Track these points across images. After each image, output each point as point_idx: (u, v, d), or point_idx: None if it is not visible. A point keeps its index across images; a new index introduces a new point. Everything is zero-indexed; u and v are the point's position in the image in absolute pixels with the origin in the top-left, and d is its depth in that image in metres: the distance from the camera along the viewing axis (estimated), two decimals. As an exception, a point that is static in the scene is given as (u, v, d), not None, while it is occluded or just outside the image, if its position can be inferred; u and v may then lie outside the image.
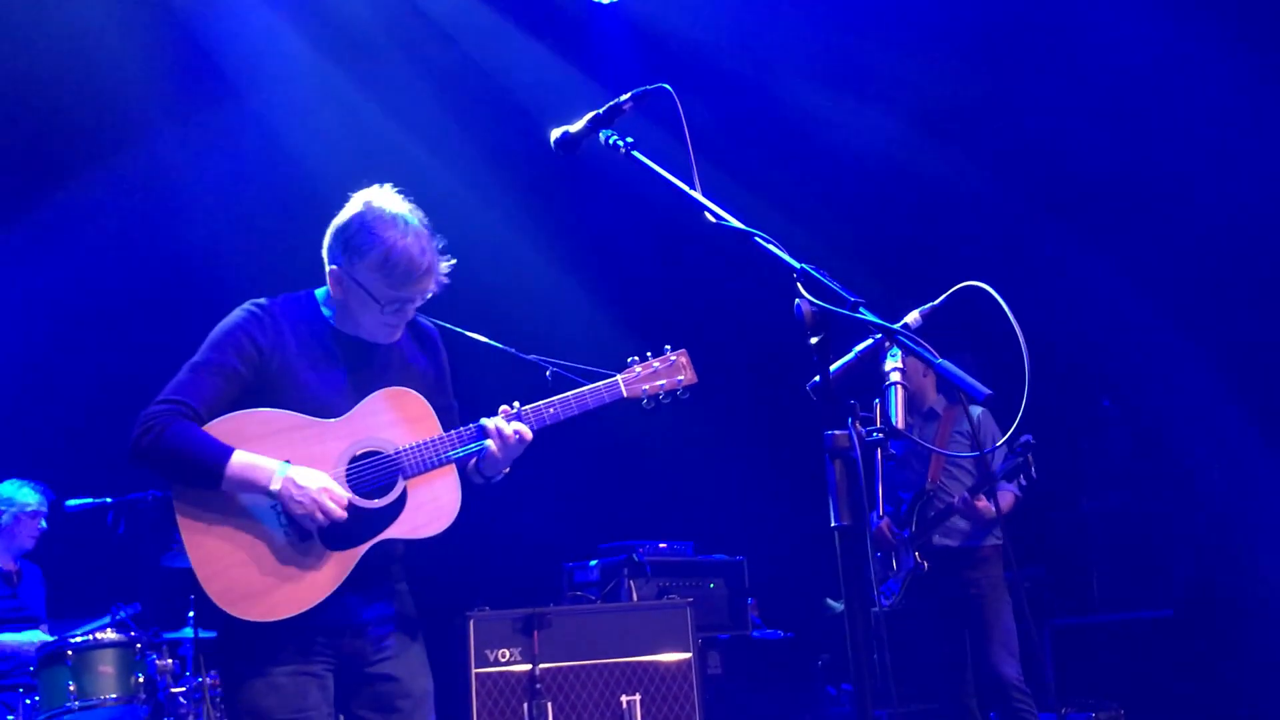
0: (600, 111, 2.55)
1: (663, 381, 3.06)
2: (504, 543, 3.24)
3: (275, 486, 2.67)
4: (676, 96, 2.46)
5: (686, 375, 3.10)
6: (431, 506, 2.83)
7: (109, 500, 5.46)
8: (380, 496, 2.79)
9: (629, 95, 2.56)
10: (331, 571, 2.73)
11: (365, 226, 2.78)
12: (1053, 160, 7.05)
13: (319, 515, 2.68)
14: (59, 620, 5.26)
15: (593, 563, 6.08)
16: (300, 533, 2.72)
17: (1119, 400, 7.60)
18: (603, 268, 7.60)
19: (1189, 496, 7.16)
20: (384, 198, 2.85)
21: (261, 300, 2.91)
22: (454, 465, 2.88)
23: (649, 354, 3.08)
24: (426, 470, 2.83)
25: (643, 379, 3.05)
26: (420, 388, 2.93)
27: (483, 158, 6.86)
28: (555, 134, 2.61)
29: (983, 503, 5.08)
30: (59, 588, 5.60)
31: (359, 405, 2.83)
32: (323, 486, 2.70)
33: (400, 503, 2.81)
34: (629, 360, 3.07)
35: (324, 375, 2.84)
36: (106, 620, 4.99)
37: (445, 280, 2.87)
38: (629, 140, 2.49)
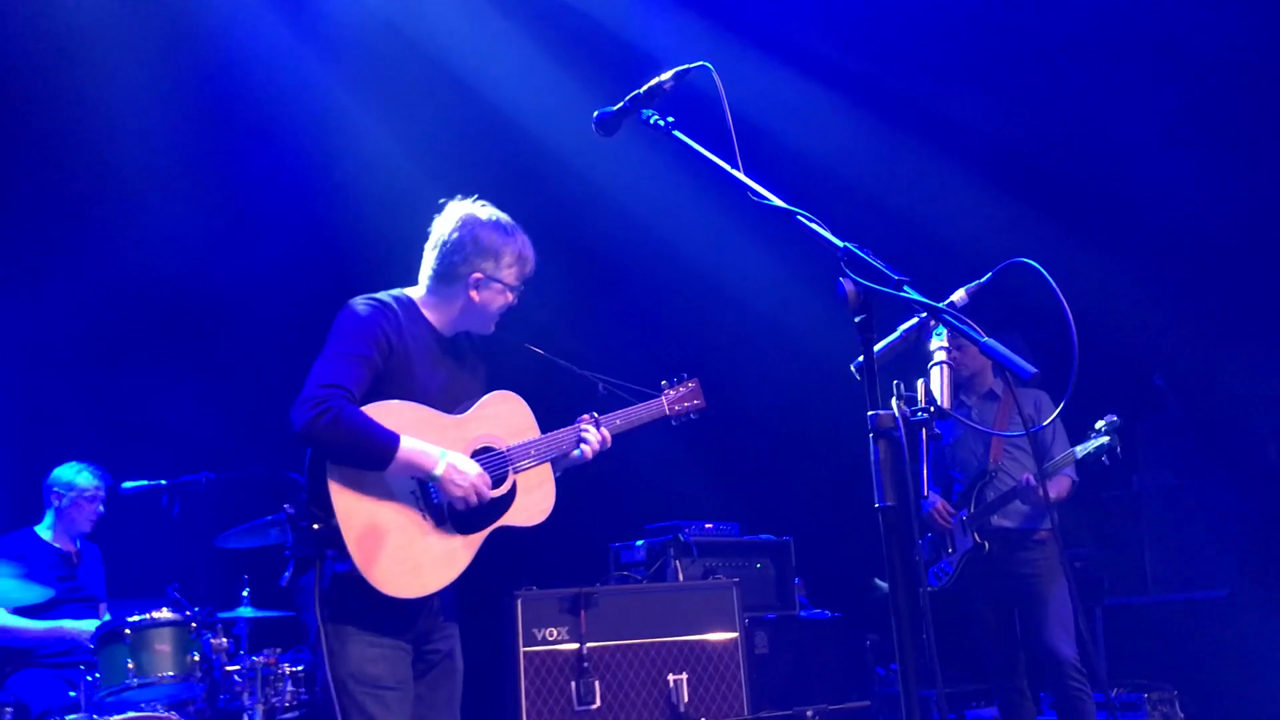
0: (641, 90, 2.54)
1: (689, 404, 3.56)
2: (550, 523, 3.30)
3: (439, 471, 2.92)
4: (716, 74, 2.45)
5: (701, 400, 3.58)
6: (536, 498, 3.16)
7: (163, 482, 5.55)
8: (497, 487, 3.06)
9: (670, 73, 2.55)
10: (463, 553, 3.01)
11: (492, 230, 3.16)
12: (1093, 127, 6.95)
13: (474, 498, 2.95)
14: (117, 600, 5.36)
15: (639, 543, 6.10)
16: (436, 517, 2.97)
17: (1171, 377, 7.48)
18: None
19: (1243, 474, 7.05)
20: (480, 207, 3.22)
21: (380, 296, 3.14)
22: (550, 463, 3.22)
23: (675, 379, 3.57)
24: (532, 466, 3.16)
25: (677, 400, 3.54)
26: (486, 388, 3.25)
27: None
28: (596, 114, 2.61)
29: (1054, 487, 5.07)
30: (116, 568, 5.70)
31: (477, 405, 3.14)
32: (479, 473, 2.98)
33: (511, 494, 3.11)
34: (661, 383, 3.55)
35: (431, 373, 3.11)
36: (162, 600, 5.08)
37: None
38: (670, 119, 2.48)
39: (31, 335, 6.56)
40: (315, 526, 2.88)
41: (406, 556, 2.90)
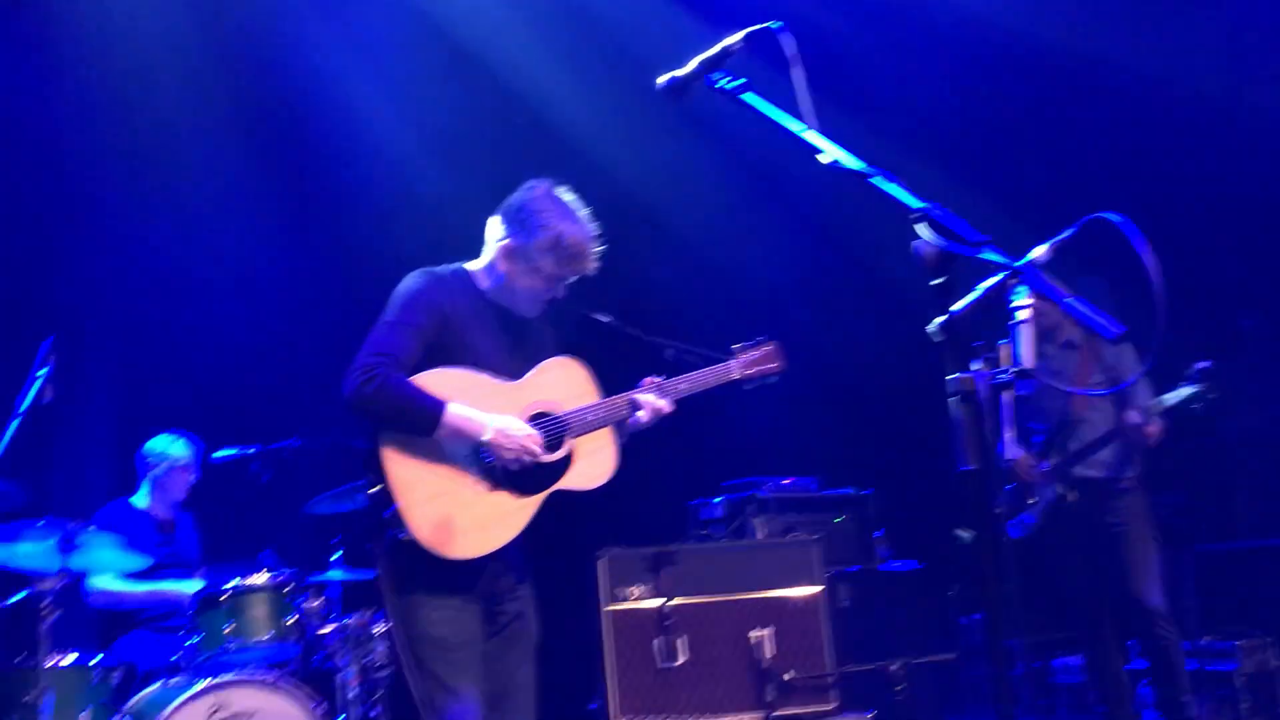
0: (710, 54, 2.51)
1: (763, 367, 3.47)
2: (629, 483, 3.34)
3: (488, 436, 2.95)
4: (790, 34, 2.41)
5: (778, 363, 3.49)
6: (594, 461, 3.17)
7: (253, 450, 5.69)
8: (553, 452, 3.08)
9: (740, 35, 2.51)
10: (519, 515, 3.05)
11: (542, 210, 3.13)
12: (1172, 62, 6.73)
13: (526, 458, 2.99)
14: (212, 566, 5.52)
15: (717, 500, 6.12)
16: (491, 481, 3.01)
17: (1259, 317, 7.28)
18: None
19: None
20: (557, 187, 3.19)
21: (436, 268, 3.19)
22: (611, 428, 3.21)
23: (748, 342, 3.48)
24: (590, 431, 3.16)
25: (750, 363, 3.45)
26: (554, 356, 3.26)
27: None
28: (662, 79, 2.57)
29: (1153, 427, 4.98)
30: (210, 535, 5.87)
31: (533, 370, 3.15)
32: (528, 434, 3.00)
33: (568, 459, 3.13)
34: (733, 346, 3.46)
35: (489, 341, 3.14)
36: (256, 565, 5.23)
37: (597, 265, 3.20)
38: (742, 81, 2.44)
39: (127, 311, 6.77)
40: (371, 490, 2.96)
41: (461, 518, 2.95)
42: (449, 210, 6.78)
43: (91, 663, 4.66)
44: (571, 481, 3.13)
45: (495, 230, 3.20)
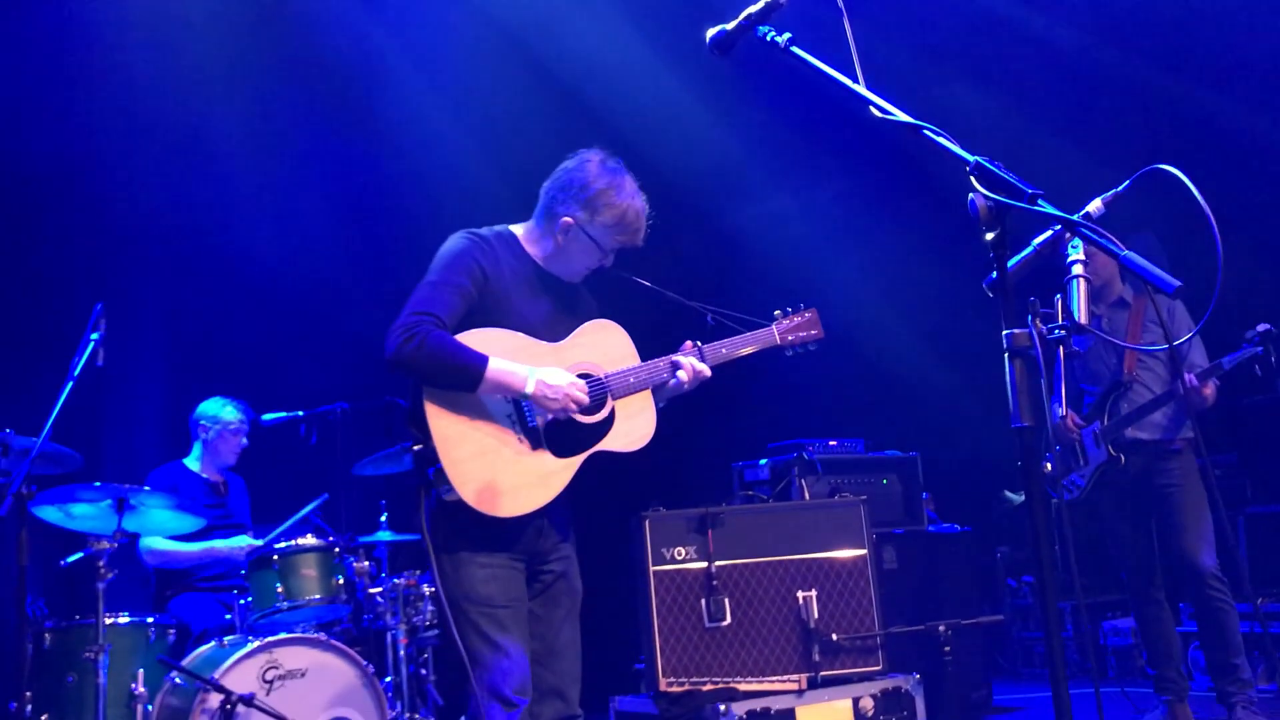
0: (756, 8, 2.48)
1: (804, 334, 3.47)
2: (674, 444, 3.35)
3: (530, 389, 2.96)
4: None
5: (818, 330, 3.50)
6: (636, 424, 3.17)
7: (301, 414, 5.76)
8: (595, 413, 3.09)
9: (785, -14, 2.47)
10: (560, 476, 3.05)
11: (607, 188, 3.13)
12: (1231, 27, 6.57)
13: (572, 405, 2.99)
14: (262, 527, 5.60)
15: (762, 461, 6.11)
16: (533, 440, 3.03)
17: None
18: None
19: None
20: (608, 158, 3.19)
21: (480, 230, 3.20)
22: (650, 390, 3.22)
23: (789, 308, 3.48)
24: (631, 394, 3.17)
25: (790, 329, 3.46)
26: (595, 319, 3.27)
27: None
28: (710, 33, 2.55)
29: (1209, 389, 4.91)
30: (259, 496, 5.95)
31: (574, 333, 3.17)
32: (571, 381, 3.01)
33: (610, 420, 3.14)
34: (774, 313, 3.47)
35: (531, 304, 3.15)
36: (304, 513, 5.31)
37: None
38: (788, 36, 2.41)
39: (178, 276, 6.86)
40: (415, 448, 2.97)
41: (502, 477, 2.96)
42: (492, 174, 6.82)
43: (148, 620, 4.76)
44: (613, 443, 3.12)
45: (553, 202, 3.18)
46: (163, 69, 6.41)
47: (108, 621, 4.39)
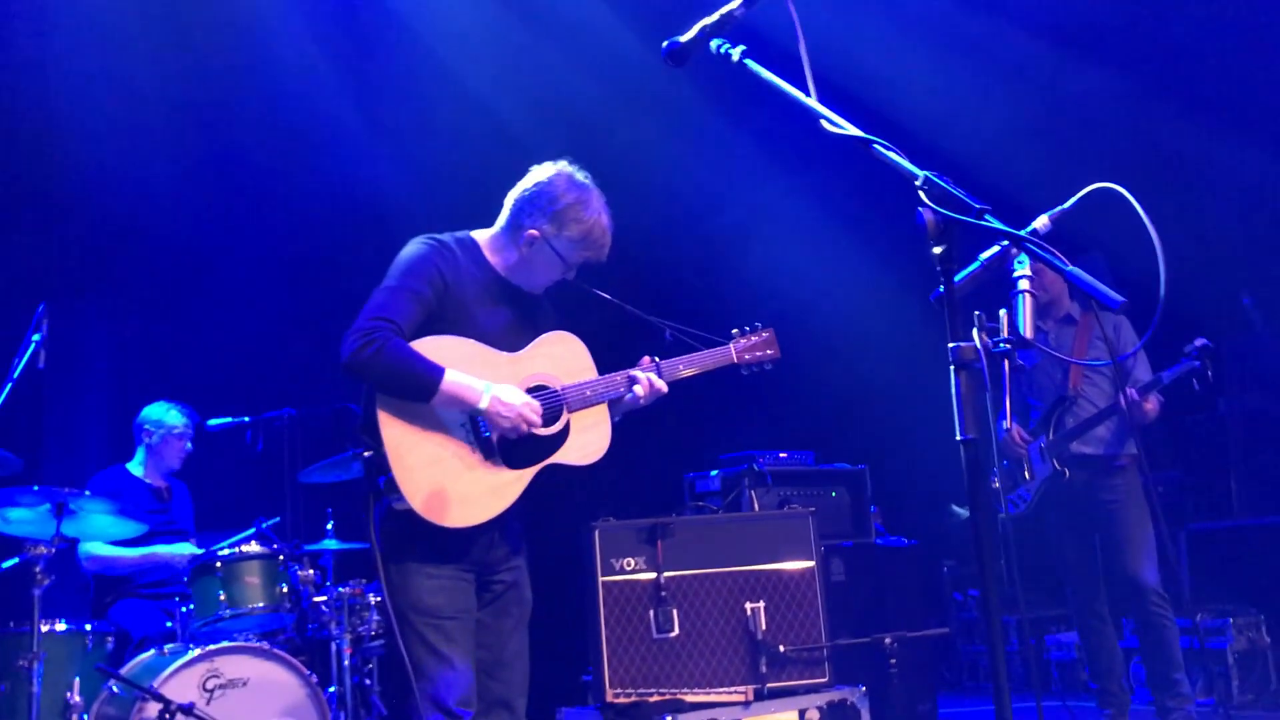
0: (711, 20, 2.49)
1: (761, 353, 3.48)
2: (625, 455, 3.34)
3: (484, 404, 2.93)
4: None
5: (775, 350, 3.50)
6: (590, 437, 3.16)
7: (247, 419, 5.69)
8: (549, 425, 3.08)
9: (740, 0, 2.49)
10: (513, 487, 3.04)
11: (575, 203, 3.11)
12: (1182, 52, 6.70)
13: (523, 427, 2.97)
14: (206, 534, 5.52)
15: (713, 473, 6.11)
16: (485, 451, 3.00)
17: (1259, 297, 7.27)
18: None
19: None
20: (576, 172, 3.16)
21: (441, 235, 3.16)
22: (608, 405, 3.21)
23: (746, 327, 3.48)
24: (586, 407, 3.16)
25: (748, 349, 3.46)
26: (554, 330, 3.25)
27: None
28: (665, 44, 2.56)
29: (1151, 403, 4.98)
30: (203, 503, 5.87)
31: (532, 344, 3.14)
32: (525, 402, 2.99)
33: (565, 433, 3.13)
34: (732, 331, 3.47)
35: (491, 313, 3.12)
36: (251, 533, 5.23)
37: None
38: (741, 49, 2.42)
39: (123, 277, 6.75)
40: (366, 454, 2.94)
41: (454, 487, 2.93)
42: (446, 182, 6.77)
43: (86, 628, 4.67)
44: (567, 456, 3.11)
45: (519, 213, 3.15)
46: (107, 67, 6.32)
47: (44, 629, 4.30)
